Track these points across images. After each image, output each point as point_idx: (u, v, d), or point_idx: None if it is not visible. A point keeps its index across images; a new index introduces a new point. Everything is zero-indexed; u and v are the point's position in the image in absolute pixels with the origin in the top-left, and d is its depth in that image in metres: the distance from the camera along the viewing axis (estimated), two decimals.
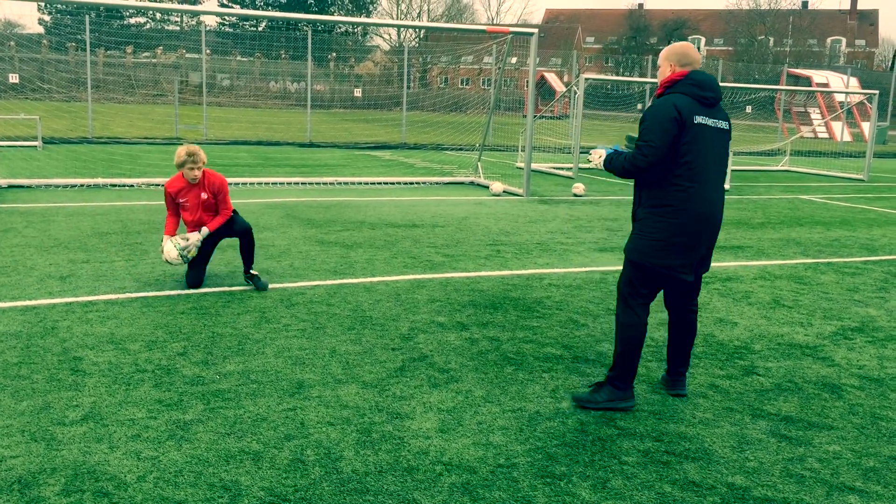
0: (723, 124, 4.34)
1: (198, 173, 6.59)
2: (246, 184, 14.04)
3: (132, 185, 13.17)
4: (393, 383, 4.67)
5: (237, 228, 6.76)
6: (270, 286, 6.78)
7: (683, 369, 4.71)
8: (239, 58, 50.44)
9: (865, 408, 4.60)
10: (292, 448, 3.79)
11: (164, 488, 3.37)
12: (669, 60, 4.39)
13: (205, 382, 4.57)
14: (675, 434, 4.13)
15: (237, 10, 74.06)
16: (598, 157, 4.61)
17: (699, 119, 4.21)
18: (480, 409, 4.35)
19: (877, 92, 22.75)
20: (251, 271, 6.81)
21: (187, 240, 6.62)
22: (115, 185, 13.10)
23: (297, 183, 14.49)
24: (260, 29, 62.65)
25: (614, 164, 4.45)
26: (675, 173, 4.20)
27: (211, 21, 67.19)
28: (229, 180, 14.00)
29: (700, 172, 4.22)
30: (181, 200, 6.71)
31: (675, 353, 4.69)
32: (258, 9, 73.54)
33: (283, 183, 14.37)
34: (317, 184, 14.68)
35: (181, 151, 6.55)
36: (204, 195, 6.69)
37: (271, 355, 5.07)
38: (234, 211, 6.89)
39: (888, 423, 4.40)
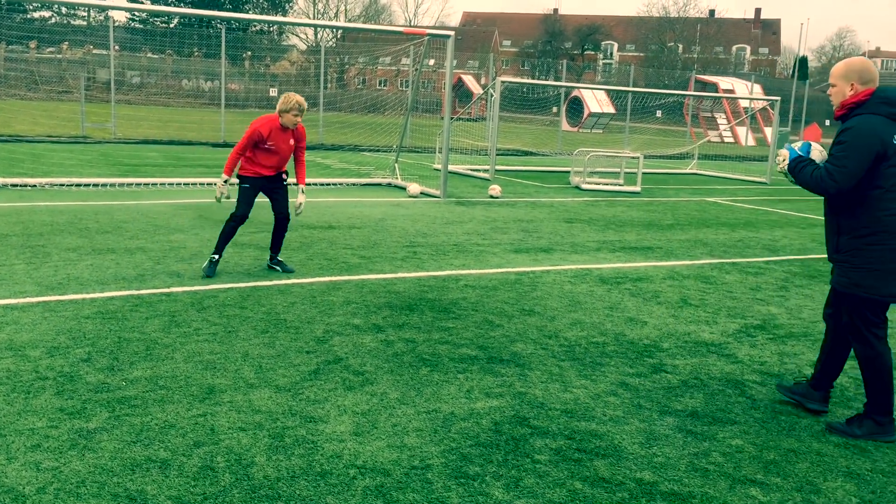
0: None
1: (299, 121, 6.92)
2: (156, 184, 13.65)
3: (34, 186, 12.65)
4: (307, 387, 4.62)
5: (281, 212, 7.27)
6: (181, 289, 6.62)
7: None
8: (149, 55, 49.07)
9: (766, 402, 4.78)
10: (202, 455, 3.70)
11: (65, 500, 3.24)
12: (850, 79, 4.13)
13: (110, 389, 4.42)
14: (586, 432, 4.20)
15: (147, 5, 72.05)
16: (783, 159, 4.32)
17: None
18: (395, 410, 4.34)
19: (779, 98, 23.72)
20: (279, 257, 7.47)
21: (226, 196, 7.31)
22: (16, 185, 12.55)
23: (210, 184, 14.17)
24: (171, 26, 61.10)
25: (798, 175, 4.22)
26: (885, 198, 4.05)
27: (120, 17, 65.29)
28: (138, 181, 13.64)
29: None
30: (269, 144, 6.93)
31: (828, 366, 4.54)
32: (170, 5, 71.76)
33: (195, 183, 14.02)
34: (231, 184, 14.36)
35: (293, 99, 6.80)
36: (291, 141, 7.04)
37: (181, 360, 4.94)
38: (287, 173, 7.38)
39: (787, 416, 4.58)
